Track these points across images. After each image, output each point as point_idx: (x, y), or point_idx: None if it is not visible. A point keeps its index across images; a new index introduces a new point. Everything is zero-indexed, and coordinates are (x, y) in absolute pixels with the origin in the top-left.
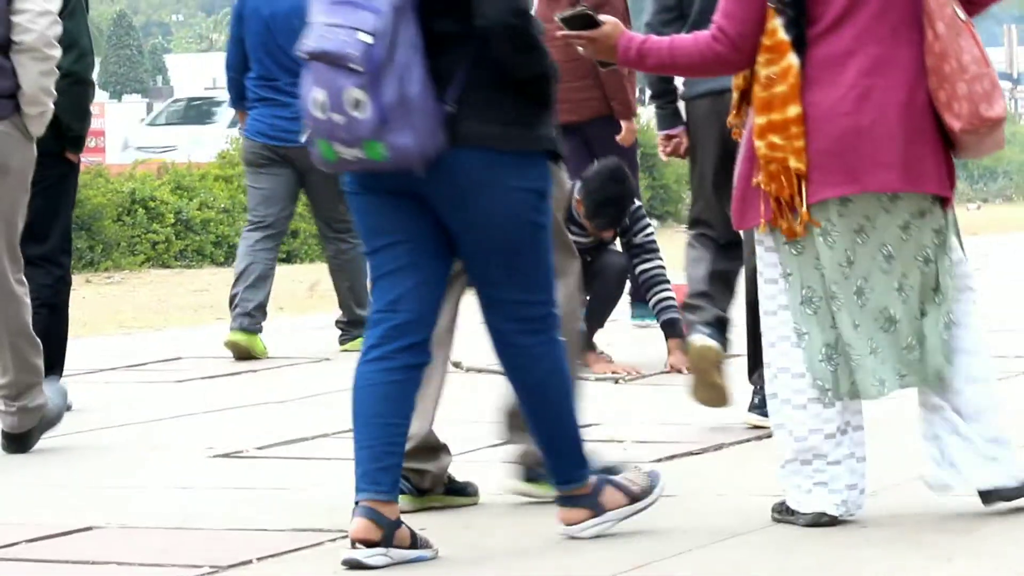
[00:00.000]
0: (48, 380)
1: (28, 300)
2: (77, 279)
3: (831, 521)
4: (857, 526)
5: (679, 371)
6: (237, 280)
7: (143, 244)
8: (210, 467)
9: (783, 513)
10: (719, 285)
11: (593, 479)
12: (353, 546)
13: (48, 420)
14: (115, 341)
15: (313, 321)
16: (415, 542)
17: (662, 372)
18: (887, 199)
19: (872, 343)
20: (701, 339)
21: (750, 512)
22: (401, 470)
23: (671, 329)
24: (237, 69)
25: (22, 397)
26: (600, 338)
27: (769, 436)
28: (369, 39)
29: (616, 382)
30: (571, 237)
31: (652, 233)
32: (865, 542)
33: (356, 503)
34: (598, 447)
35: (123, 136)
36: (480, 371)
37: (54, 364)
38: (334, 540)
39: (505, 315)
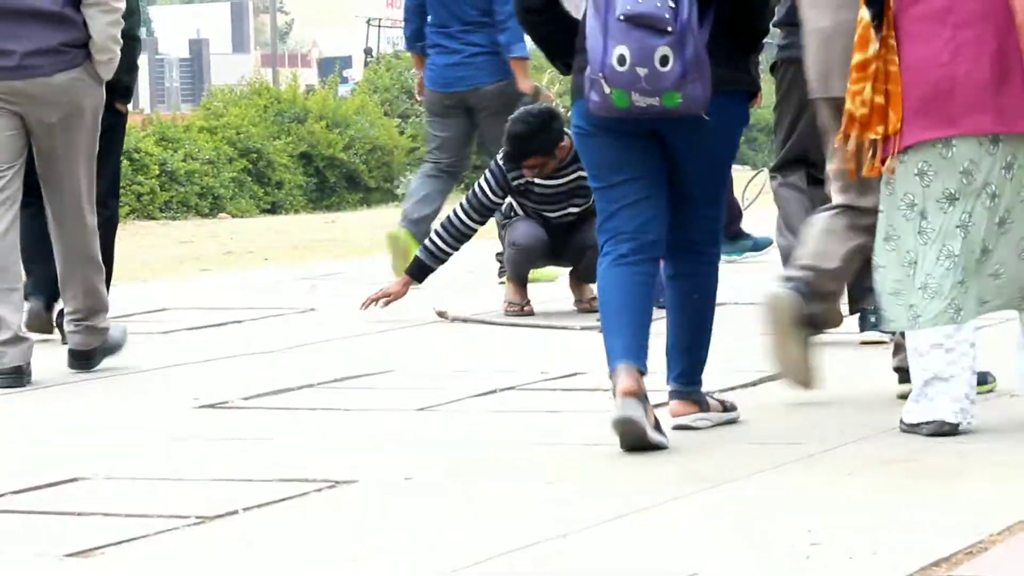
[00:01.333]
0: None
1: (97, 231)
2: None
3: (952, 430)
4: (845, 472)
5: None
6: (407, 199)
7: (128, 196)
8: (196, 418)
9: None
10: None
11: (701, 388)
12: (623, 400)
13: (111, 346)
14: None
15: (298, 271)
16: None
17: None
18: (988, 143)
19: (961, 274)
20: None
21: (734, 459)
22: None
23: None
24: (414, 13)
25: (89, 319)
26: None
27: (756, 383)
28: (673, 3)
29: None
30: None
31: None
32: (851, 489)
33: (614, 369)
34: (596, 395)
35: None
36: (465, 321)
37: None
38: (320, 490)
39: (699, 229)
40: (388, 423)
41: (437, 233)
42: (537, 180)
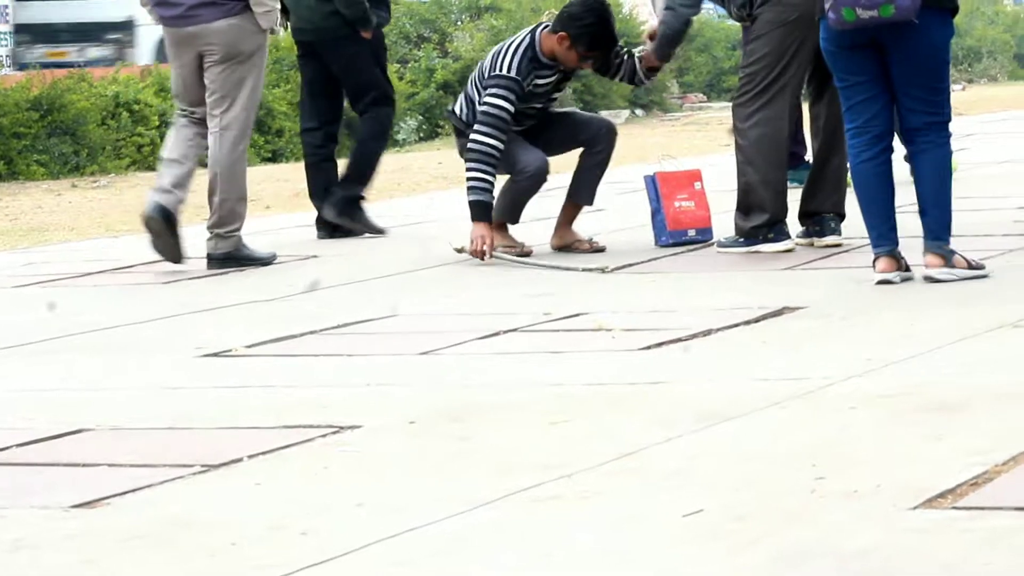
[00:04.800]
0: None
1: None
2: (63, 184)
3: None
4: (849, 406)
5: None
6: None
7: (128, 147)
8: (199, 367)
9: None
10: None
11: (949, 246)
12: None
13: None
14: (102, 244)
15: (298, 219)
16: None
17: (649, 259)
18: None
19: None
20: None
21: (738, 396)
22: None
23: None
24: None
25: (222, 226)
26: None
27: (758, 320)
28: None
29: (603, 271)
30: (535, 80)
31: None
32: (855, 423)
33: (877, 254)
34: (598, 336)
35: None
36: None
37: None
38: (324, 436)
39: (925, 113)
40: (391, 368)
41: (482, 170)
42: (538, 80)
